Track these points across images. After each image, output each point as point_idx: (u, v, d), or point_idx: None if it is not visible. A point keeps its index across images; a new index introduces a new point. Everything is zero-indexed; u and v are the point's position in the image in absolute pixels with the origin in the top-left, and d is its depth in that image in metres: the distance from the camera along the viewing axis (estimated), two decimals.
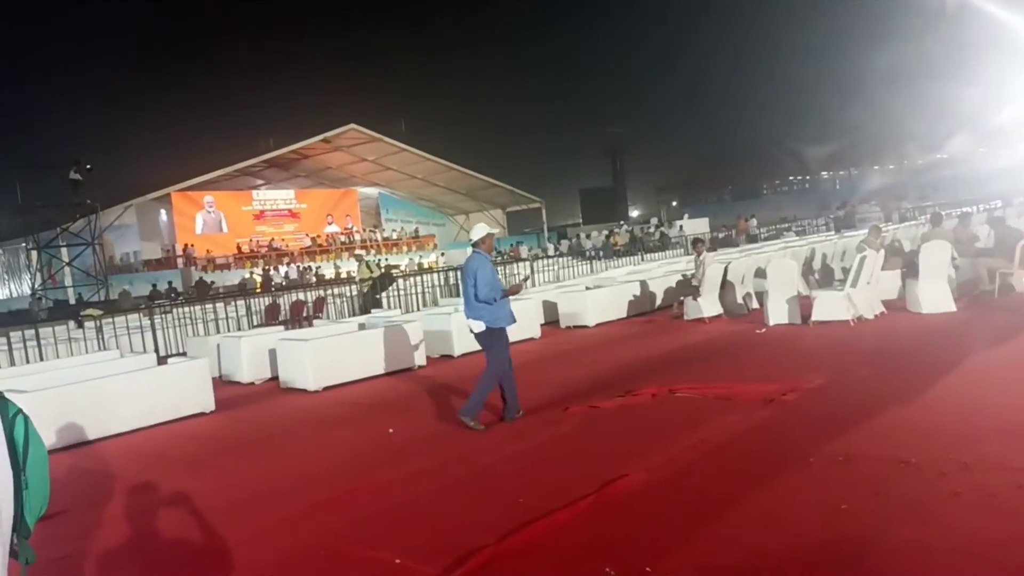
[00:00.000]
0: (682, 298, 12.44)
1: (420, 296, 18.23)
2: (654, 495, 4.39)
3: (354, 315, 15.59)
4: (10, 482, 1.68)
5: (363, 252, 24.38)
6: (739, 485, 4.35)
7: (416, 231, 42.67)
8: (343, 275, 26.86)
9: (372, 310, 14.56)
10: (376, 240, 39.59)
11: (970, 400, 5.67)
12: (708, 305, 11.68)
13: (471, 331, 6.58)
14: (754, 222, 31.47)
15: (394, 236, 40.78)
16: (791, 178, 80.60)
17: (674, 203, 75.62)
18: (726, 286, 12.03)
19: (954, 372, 6.53)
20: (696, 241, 13.58)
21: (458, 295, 17.98)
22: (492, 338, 6.48)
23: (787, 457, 4.75)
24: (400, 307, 16.28)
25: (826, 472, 4.43)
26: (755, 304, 12.19)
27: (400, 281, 18.94)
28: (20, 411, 1.87)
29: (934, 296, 9.80)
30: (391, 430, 6.80)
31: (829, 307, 9.83)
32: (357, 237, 39.57)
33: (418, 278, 19.69)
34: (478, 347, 6.51)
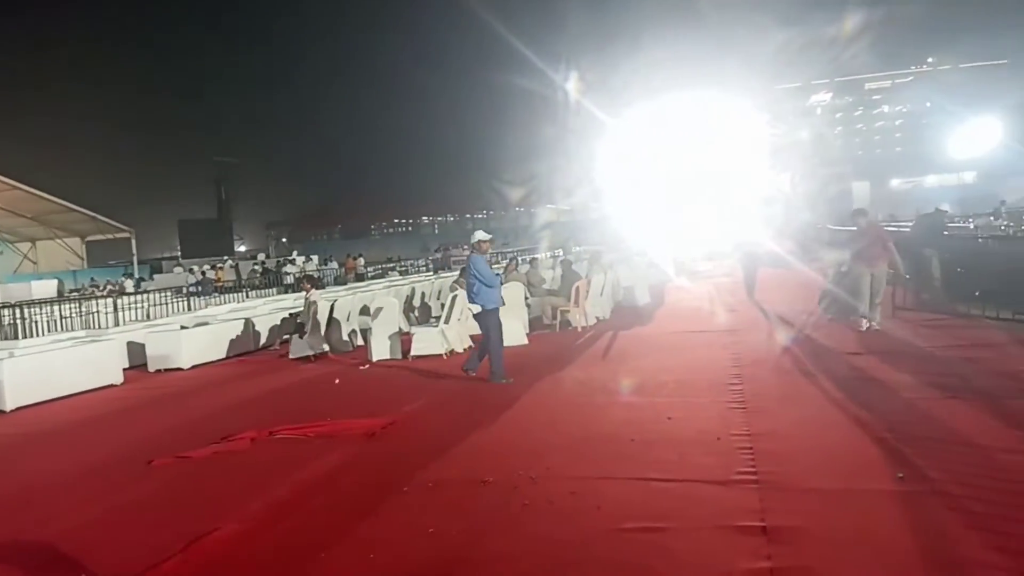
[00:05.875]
0: (287, 336, 12.18)
1: None
2: (249, 544, 4.15)
3: None
4: None
5: None
6: (339, 521, 4.35)
7: None
8: None
9: None
10: None
11: (537, 420, 6.55)
12: (314, 343, 11.62)
13: (472, 313, 8.57)
14: (362, 261, 32.49)
15: None
16: (397, 221, 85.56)
17: (284, 239, 74.40)
18: (332, 324, 12.13)
19: (524, 397, 7.48)
20: (305, 279, 13.48)
21: (15, 337, 15.02)
22: (489, 317, 8.37)
23: (385, 488, 4.90)
24: None
25: (419, 498, 4.67)
26: (360, 341, 12.49)
27: None
28: None
29: (510, 330, 11.13)
30: None
31: (426, 342, 10.55)
32: None
33: None
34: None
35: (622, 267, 16.58)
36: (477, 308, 8.44)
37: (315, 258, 37.52)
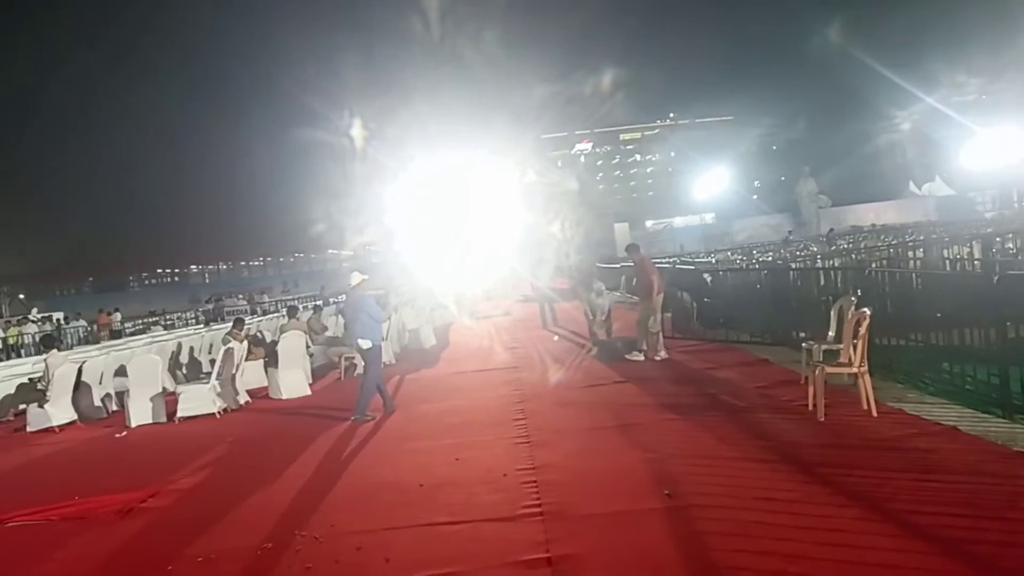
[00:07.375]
0: (24, 406, 10.56)
1: None
2: None
3: None
4: None
5: None
6: None
7: None
8: None
9: None
10: None
11: (320, 475, 6.24)
12: (58, 412, 10.16)
13: (361, 348, 8.54)
14: (118, 316, 29.38)
15: None
16: (160, 271, 78.59)
17: (21, 296, 65.05)
18: (81, 388, 10.71)
19: (308, 451, 7.10)
20: (45, 338, 11.84)
21: None
22: (375, 352, 8.59)
23: (146, 569, 4.37)
24: None
25: None
26: (117, 406, 11.16)
27: None
28: None
29: (292, 382, 10.63)
30: None
31: (195, 401, 9.67)
32: None
33: None
34: None
35: (407, 310, 16.55)
36: (368, 343, 8.48)
37: (59, 315, 33.29)
